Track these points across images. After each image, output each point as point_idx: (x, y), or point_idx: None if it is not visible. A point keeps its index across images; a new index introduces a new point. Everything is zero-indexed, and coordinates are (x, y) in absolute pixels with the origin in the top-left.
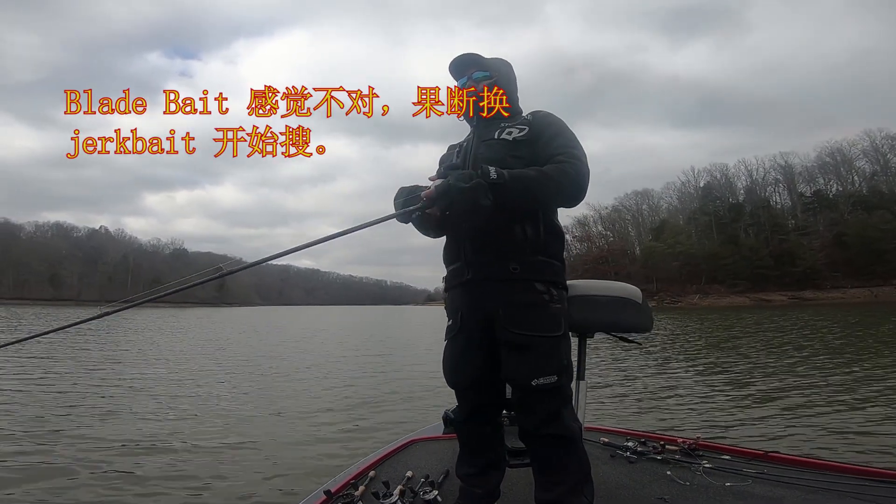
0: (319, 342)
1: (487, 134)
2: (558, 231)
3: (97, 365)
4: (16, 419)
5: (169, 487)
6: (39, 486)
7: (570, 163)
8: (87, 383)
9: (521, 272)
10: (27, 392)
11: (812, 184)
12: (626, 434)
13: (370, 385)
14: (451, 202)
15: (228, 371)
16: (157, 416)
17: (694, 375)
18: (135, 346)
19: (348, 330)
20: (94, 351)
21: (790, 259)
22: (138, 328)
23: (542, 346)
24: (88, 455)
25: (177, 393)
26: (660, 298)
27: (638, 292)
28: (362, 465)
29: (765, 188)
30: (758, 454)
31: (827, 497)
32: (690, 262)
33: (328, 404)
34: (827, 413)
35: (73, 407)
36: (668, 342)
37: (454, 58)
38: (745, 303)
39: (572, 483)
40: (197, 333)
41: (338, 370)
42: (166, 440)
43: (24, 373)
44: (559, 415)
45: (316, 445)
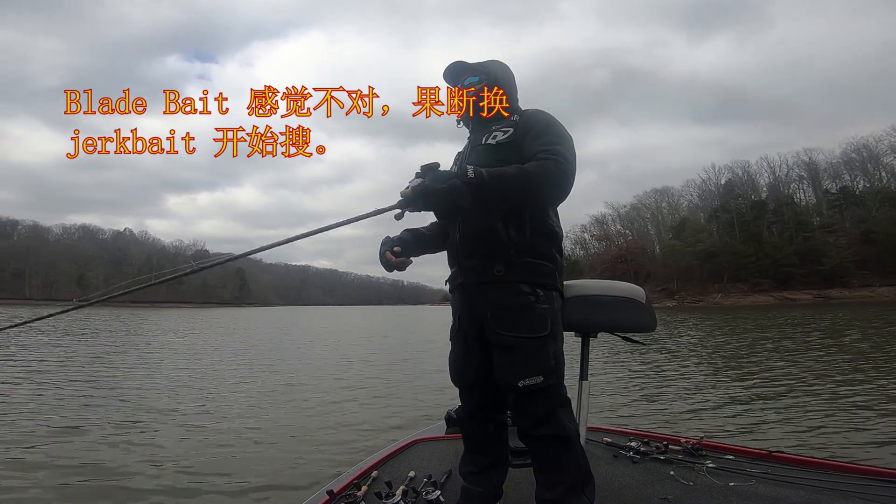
0: (336, 342)
1: (478, 139)
2: (549, 231)
3: (132, 365)
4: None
5: (170, 486)
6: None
7: (553, 159)
8: (107, 376)
9: (506, 274)
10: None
11: (837, 180)
12: (629, 434)
13: (377, 383)
14: (427, 203)
15: (243, 370)
16: (160, 415)
17: (697, 375)
18: (135, 347)
19: (364, 330)
20: (128, 353)
21: (816, 257)
22: (164, 330)
23: (526, 347)
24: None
25: (185, 392)
26: (680, 298)
27: (641, 292)
28: (365, 465)
29: (788, 185)
30: (762, 454)
31: (831, 497)
32: (712, 261)
33: (332, 404)
34: (831, 413)
35: (80, 399)
36: (672, 342)
37: (447, 66)
38: (770, 302)
39: (572, 482)
40: (220, 334)
41: (348, 369)
42: (169, 438)
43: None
44: (554, 415)
45: (319, 445)
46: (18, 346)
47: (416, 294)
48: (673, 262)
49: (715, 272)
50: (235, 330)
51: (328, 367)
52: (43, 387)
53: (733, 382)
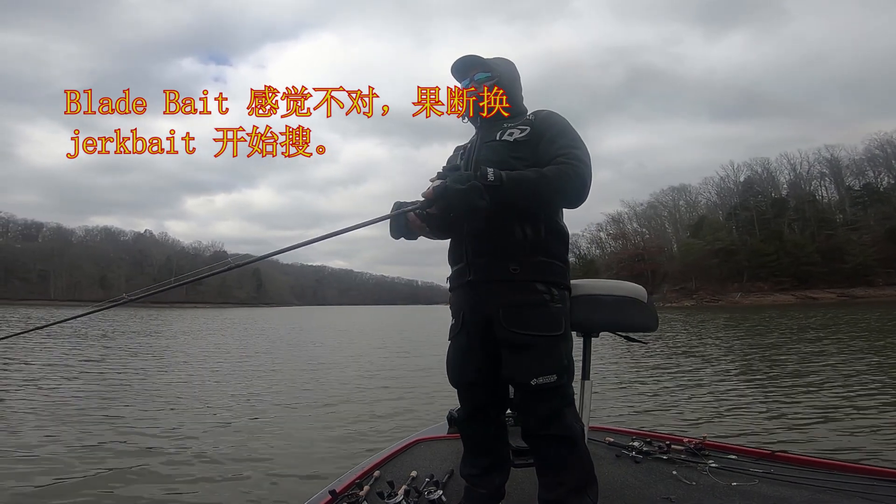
0: (349, 341)
1: (489, 135)
2: (561, 232)
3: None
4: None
5: (171, 485)
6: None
7: (571, 164)
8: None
9: (521, 272)
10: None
11: (861, 177)
12: (631, 434)
13: (381, 383)
14: (448, 203)
15: (250, 368)
16: (164, 413)
17: (700, 375)
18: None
19: (379, 329)
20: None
21: (839, 255)
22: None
23: (541, 345)
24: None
25: (186, 391)
26: (699, 297)
27: (643, 291)
28: (367, 465)
29: (809, 182)
30: (765, 454)
31: (835, 497)
32: (731, 259)
33: (336, 404)
34: (836, 413)
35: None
36: (677, 341)
37: (455, 60)
38: (791, 301)
39: (575, 483)
40: (239, 333)
41: (353, 369)
42: (171, 436)
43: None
44: (561, 415)
45: (322, 445)
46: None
47: (430, 294)
48: (691, 261)
49: (734, 271)
50: (251, 329)
51: (333, 368)
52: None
53: (737, 382)
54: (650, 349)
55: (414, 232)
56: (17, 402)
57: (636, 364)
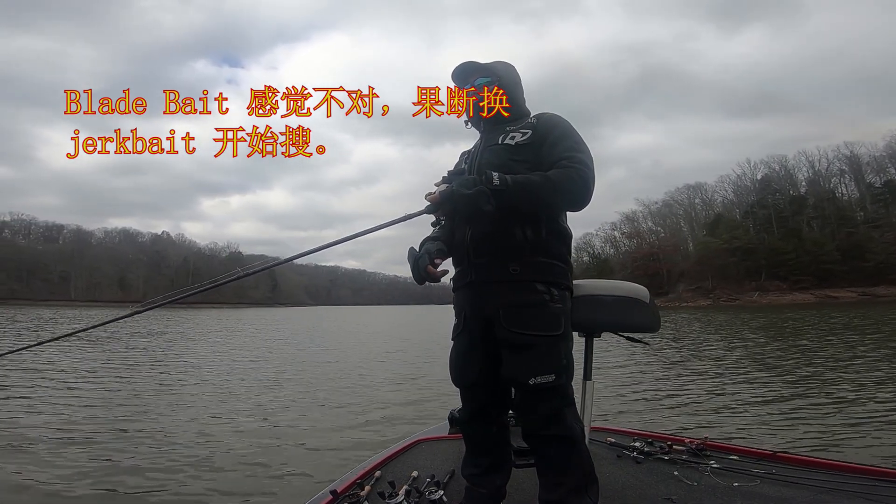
0: (359, 342)
1: (492, 139)
2: (562, 232)
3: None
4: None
5: (171, 484)
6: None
7: (575, 168)
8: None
9: (522, 273)
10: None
11: (882, 174)
12: (632, 434)
13: (385, 383)
14: (454, 207)
15: (256, 370)
16: (168, 413)
17: (702, 375)
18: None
19: (391, 329)
20: None
21: (859, 253)
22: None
23: (540, 345)
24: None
25: (200, 391)
26: (715, 296)
27: (645, 292)
28: (368, 465)
29: (829, 179)
30: (766, 454)
31: (836, 497)
32: (749, 258)
33: (338, 403)
34: (837, 413)
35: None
36: (680, 341)
37: (455, 67)
38: (810, 300)
39: (575, 483)
40: (253, 334)
41: (358, 368)
42: (173, 436)
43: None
44: (561, 415)
45: (323, 445)
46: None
47: (443, 293)
48: (707, 260)
49: (752, 270)
50: (264, 329)
51: (338, 367)
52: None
53: (737, 382)
54: (652, 349)
55: (440, 277)
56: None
57: (637, 364)
